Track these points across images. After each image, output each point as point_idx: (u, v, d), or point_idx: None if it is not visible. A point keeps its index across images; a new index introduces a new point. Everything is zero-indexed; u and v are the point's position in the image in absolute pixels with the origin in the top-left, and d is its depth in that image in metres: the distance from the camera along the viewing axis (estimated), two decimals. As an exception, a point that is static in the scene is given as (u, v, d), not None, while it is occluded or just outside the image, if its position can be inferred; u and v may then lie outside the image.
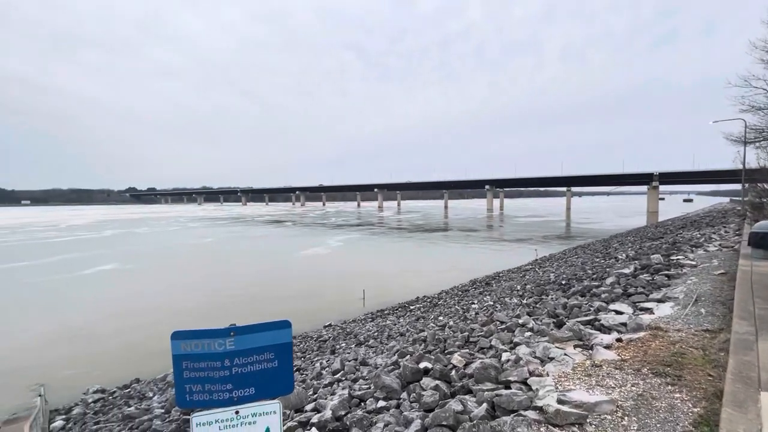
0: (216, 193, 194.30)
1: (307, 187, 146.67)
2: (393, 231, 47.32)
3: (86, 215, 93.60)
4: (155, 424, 5.37)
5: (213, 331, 1.79)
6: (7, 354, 11.20)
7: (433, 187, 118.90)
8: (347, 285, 18.79)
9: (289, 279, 20.63)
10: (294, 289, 18.49)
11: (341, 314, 14.22)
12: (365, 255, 29.20)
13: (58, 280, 21.17)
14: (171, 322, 13.53)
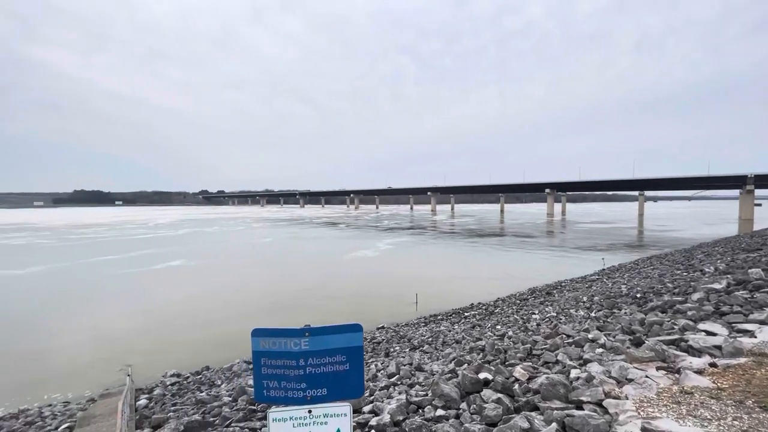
0: (277, 196, 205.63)
1: (361, 190, 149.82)
2: (445, 235, 46.58)
3: (170, 215, 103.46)
4: (224, 411, 5.75)
5: (289, 330, 1.86)
6: (95, 340, 12.69)
7: (488, 190, 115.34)
8: (397, 288, 18.81)
9: (339, 280, 21.11)
10: (344, 290, 18.86)
11: (393, 317, 14.23)
12: (414, 259, 29.04)
13: (133, 273, 23.64)
14: (224, 317, 14.51)
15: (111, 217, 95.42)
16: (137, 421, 6.45)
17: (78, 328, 13.55)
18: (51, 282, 21.12)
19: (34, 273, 23.58)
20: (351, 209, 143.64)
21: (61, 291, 19.17)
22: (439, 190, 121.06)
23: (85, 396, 8.91)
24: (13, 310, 15.83)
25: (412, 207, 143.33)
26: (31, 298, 17.81)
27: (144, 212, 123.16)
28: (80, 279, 21.88)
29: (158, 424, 5.82)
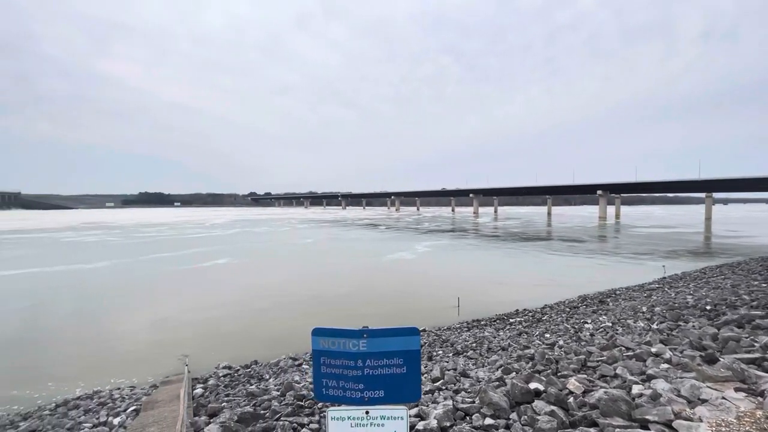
0: (320, 198, 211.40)
1: (402, 192, 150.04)
2: (486, 238, 45.30)
3: (225, 216, 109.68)
4: (273, 405, 5.98)
5: (348, 331, 1.89)
6: (152, 331, 13.69)
7: (534, 192, 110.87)
8: (436, 291, 18.58)
9: (377, 282, 21.16)
10: (382, 292, 18.89)
11: (434, 320, 14.04)
12: (453, 262, 28.48)
13: (184, 270, 25.16)
14: (267, 315, 15.06)
15: (173, 217, 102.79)
16: (194, 408, 6.87)
17: (137, 320, 14.72)
18: (114, 276, 23.13)
19: (100, 268, 25.96)
20: (392, 211, 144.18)
21: (122, 285, 20.92)
22: (481, 192, 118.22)
23: (148, 382, 9.63)
24: (82, 302, 17.51)
25: (453, 209, 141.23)
26: (97, 290, 19.60)
27: (201, 213, 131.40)
28: (138, 275, 23.75)
29: (213, 413, 6.17)
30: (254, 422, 5.17)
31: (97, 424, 7.02)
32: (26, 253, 33.84)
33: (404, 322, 13.76)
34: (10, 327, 13.90)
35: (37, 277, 22.49)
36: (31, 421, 7.62)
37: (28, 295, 18.23)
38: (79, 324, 14.34)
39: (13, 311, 15.93)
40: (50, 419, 7.62)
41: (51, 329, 13.82)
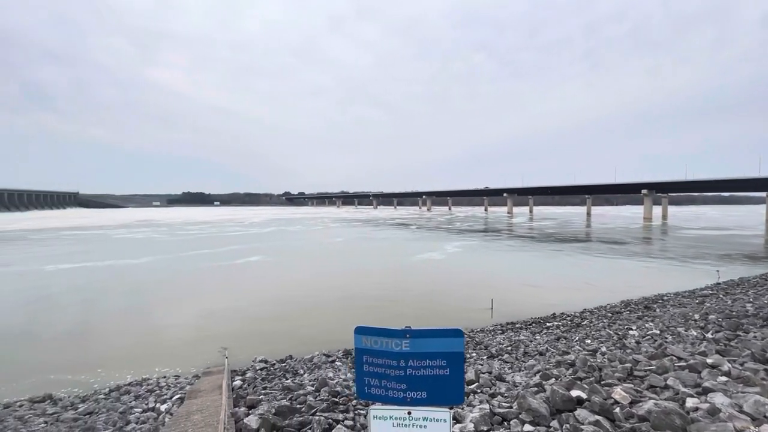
0: (351, 197, 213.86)
1: (433, 192, 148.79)
2: (520, 239, 43.91)
3: (262, 215, 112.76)
4: (309, 399, 6.11)
5: (391, 330, 1.89)
6: (190, 325, 14.37)
7: (572, 191, 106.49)
8: (465, 292, 18.26)
9: (406, 281, 21.06)
10: (411, 291, 18.76)
11: (466, 322, 13.78)
12: (484, 263, 27.79)
13: (220, 266, 26.13)
14: (297, 312, 15.36)
15: (215, 215, 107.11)
16: (234, 399, 7.15)
17: (178, 313, 15.50)
18: (156, 271, 24.50)
19: (145, 263, 27.58)
20: (423, 210, 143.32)
21: (163, 280, 22.11)
22: (516, 192, 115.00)
23: (191, 372, 10.14)
24: (128, 295, 18.66)
25: (486, 209, 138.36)
26: (141, 285, 20.83)
27: (241, 211, 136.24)
28: (178, 270, 25.02)
29: (252, 405, 6.39)
30: (291, 416, 5.30)
31: (146, 409, 7.47)
32: (82, 248, 36.61)
33: (435, 322, 13.64)
34: (66, 317, 15.09)
35: (90, 271, 24.25)
36: (88, 403, 8.24)
37: (81, 289, 19.68)
38: (126, 315, 15.32)
39: (69, 303, 17.27)
40: (105, 402, 8.20)
41: (102, 320, 14.84)
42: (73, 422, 7.12)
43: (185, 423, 5.49)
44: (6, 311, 15.79)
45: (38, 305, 16.61)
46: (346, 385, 7.06)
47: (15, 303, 17.00)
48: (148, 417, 6.90)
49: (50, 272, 24.02)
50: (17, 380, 9.73)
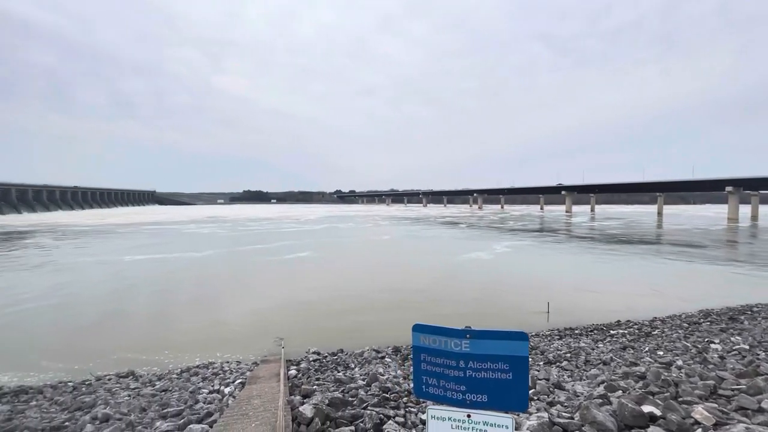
0: (401, 195, 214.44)
1: (485, 190, 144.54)
2: (578, 240, 41.02)
3: (316, 212, 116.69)
4: (360, 393, 6.23)
5: (450, 330, 1.85)
6: (246, 314, 15.23)
7: (641, 189, 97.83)
8: (514, 294, 17.54)
9: (451, 280, 20.61)
10: (454, 291, 18.32)
11: (518, 325, 13.22)
12: (534, 264, 26.32)
13: (270, 260, 27.36)
14: (343, 307, 15.64)
15: (274, 212, 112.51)
16: (290, 388, 7.49)
17: (236, 303, 16.54)
18: (216, 264, 26.32)
19: (206, 256, 29.81)
20: (474, 209, 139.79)
21: (221, 272, 23.70)
22: (575, 189, 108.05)
23: (250, 359, 10.79)
24: (191, 285, 20.27)
25: (542, 207, 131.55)
26: (202, 276, 22.52)
27: (297, 209, 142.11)
28: (234, 263, 26.68)
29: (306, 394, 6.64)
30: (343, 408, 5.43)
31: (212, 390, 8.07)
32: (156, 241, 40.50)
33: (485, 323, 13.19)
34: (139, 303, 16.78)
35: (159, 262, 26.73)
36: (163, 381, 9.10)
37: (151, 278, 21.74)
38: (189, 304, 16.71)
39: (141, 291, 19.18)
40: (177, 382, 9.00)
41: (169, 307, 16.28)
42: (151, 397, 7.90)
43: (246, 406, 5.85)
44: (92, 296, 17.94)
45: (116, 293, 18.66)
46: (396, 382, 7.09)
47: (99, 290, 19.24)
48: (214, 398, 7.45)
49: (127, 262, 26.86)
50: (104, 356, 11.03)
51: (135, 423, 6.17)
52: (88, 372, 10.08)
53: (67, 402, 7.98)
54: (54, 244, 37.32)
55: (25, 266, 25.03)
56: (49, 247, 35.02)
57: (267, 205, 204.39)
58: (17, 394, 8.77)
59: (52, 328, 13.45)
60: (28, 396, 8.61)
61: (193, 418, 5.86)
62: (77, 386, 9.14)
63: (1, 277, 21.57)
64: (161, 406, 7.15)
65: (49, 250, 32.53)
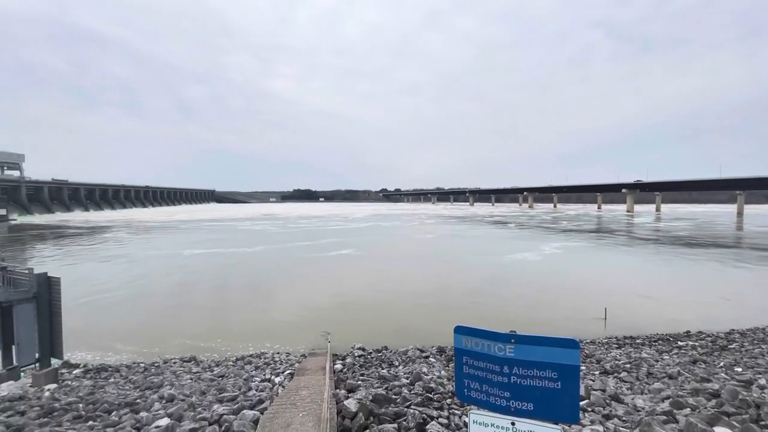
0: (447, 194, 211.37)
1: (535, 188, 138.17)
2: (639, 242, 37.65)
3: (364, 210, 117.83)
4: (404, 392, 6.25)
5: (494, 333, 1.80)
6: (296, 309, 15.78)
7: (715, 186, 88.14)
8: (562, 298, 16.63)
9: (491, 282, 20.00)
10: (494, 292, 17.74)
11: (572, 332, 12.47)
12: (586, 266, 24.66)
13: (317, 257, 28.29)
14: (387, 304, 15.66)
15: (325, 210, 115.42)
16: (336, 381, 7.70)
17: (284, 297, 17.27)
18: (265, 259, 27.74)
19: (257, 251, 31.63)
20: (525, 207, 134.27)
21: (270, 267, 24.87)
22: (637, 187, 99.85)
23: (299, 351, 11.23)
24: (242, 279, 21.47)
25: (599, 206, 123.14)
26: (253, 270, 23.78)
27: (346, 207, 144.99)
28: (281, 258, 28.03)
29: (351, 389, 6.79)
30: (387, 405, 5.48)
31: (264, 379, 8.52)
32: (214, 237, 43.49)
33: (533, 328, 12.66)
34: (197, 296, 18.06)
35: (215, 257, 28.76)
36: (221, 367, 9.77)
37: (208, 272, 23.38)
38: (242, 296, 17.73)
39: (196, 282, 20.63)
40: (233, 369, 9.62)
41: (221, 299, 17.38)
42: (210, 382, 8.50)
43: (294, 396, 6.10)
44: (156, 287, 19.63)
45: (177, 284, 20.26)
46: (441, 383, 7.02)
47: (162, 281, 21.01)
48: (265, 386, 7.86)
49: (186, 256, 29.18)
50: (167, 341, 12.08)
51: (196, 405, 6.68)
52: (156, 355, 11.10)
53: (139, 381, 8.83)
54: (128, 238, 41.43)
55: (104, 258, 28.04)
56: (124, 241, 38.96)
57: (316, 204, 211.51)
58: (99, 371, 9.87)
59: (124, 315, 14.95)
60: (108, 373, 9.66)
61: (246, 404, 6.22)
62: (148, 367, 10.09)
63: (84, 267, 24.34)
64: (218, 391, 7.67)
65: (124, 244, 36.15)
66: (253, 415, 5.09)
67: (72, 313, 12.66)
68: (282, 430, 4.70)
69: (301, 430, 4.69)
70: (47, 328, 9.01)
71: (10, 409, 6.81)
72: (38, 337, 8.92)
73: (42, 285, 8.96)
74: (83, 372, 9.80)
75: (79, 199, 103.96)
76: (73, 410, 6.74)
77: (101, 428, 5.67)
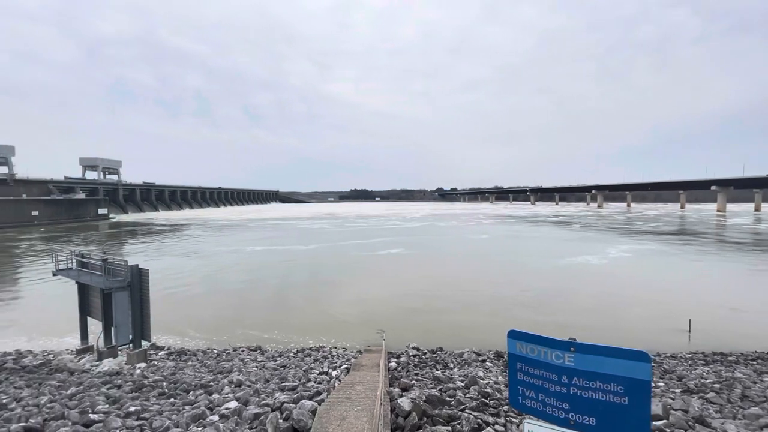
0: (506, 193, 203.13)
1: (605, 185, 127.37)
2: (728, 246, 32.31)
3: (422, 210, 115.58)
4: (458, 395, 6.13)
5: (551, 340, 1.70)
6: (351, 305, 16.09)
7: (837, 181, 74.33)
8: (630, 306, 15.18)
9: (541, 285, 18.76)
10: (557, 298, 16.52)
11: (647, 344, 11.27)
12: (664, 273, 22.05)
13: (362, 256, 28.81)
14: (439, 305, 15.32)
15: (382, 210, 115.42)
16: (390, 379, 7.79)
17: (339, 294, 17.73)
18: (318, 256, 28.87)
19: (312, 249, 33.09)
20: (593, 207, 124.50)
21: (323, 263, 25.78)
22: (731, 183, 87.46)
23: (356, 347, 11.52)
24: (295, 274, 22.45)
25: (683, 205, 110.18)
26: (306, 266, 24.80)
27: (403, 207, 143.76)
28: (332, 256, 29.04)
29: (405, 387, 6.82)
30: (440, 406, 5.42)
31: (321, 372, 8.88)
32: (274, 234, 46.27)
33: (598, 337, 11.68)
34: (258, 290, 19.26)
35: (273, 253, 30.57)
36: (283, 358, 10.36)
37: (268, 267, 24.85)
38: (297, 291, 18.63)
39: (260, 280, 21.96)
40: (293, 360, 10.15)
41: (279, 293, 18.38)
42: (273, 371, 9.07)
43: (350, 391, 6.27)
44: (223, 281, 21.27)
45: (240, 279, 21.79)
46: (497, 388, 6.78)
47: (229, 275, 22.72)
48: (323, 379, 8.18)
49: (248, 252, 31.47)
50: (232, 331, 13.09)
51: (260, 391, 7.16)
52: (225, 342, 12.10)
53: (212, 365, 9.69)
54: (202, 235, 45.58)
55: (180, 253, 31.14)
56: (198, 237, 42.92)
57: (372, 203, 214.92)
58: (179, 354, 11.00)
59: (195, 304, 16.48)
60: (186, 357, 10.72)
61: (305, 394, 6.53)
62: (220, 353, 11.03)
63: (162, 261, 27.16)
64: (280, 380, 8.15)
65: (197, 241, 39.74)
66: (311, 405, 5.33)
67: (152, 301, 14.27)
68: (337, 422, 4.87)
69: (356, 424, 4.81)
70: (138, 313, 10.21)
71: (109, 383, 7.85)
72: (131, 321, 10.15)
73: (135, 275, 10.18)
74: (167, 354, 10.99)
75: (163, 200, 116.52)
76: (158, 387, 7.58)
77: (181, 405, 6.31)
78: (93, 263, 10.86)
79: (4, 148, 67.37)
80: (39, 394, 6.76)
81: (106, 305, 10.24)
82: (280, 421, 5.01)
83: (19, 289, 19.77)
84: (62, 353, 10.89)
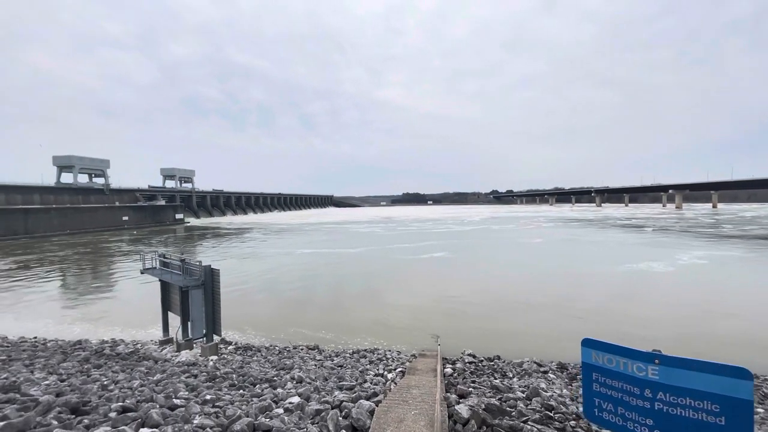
0: (567, 194, 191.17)
1: (684, 185, 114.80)
2: None
3: (481, 213, 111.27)
4: (519, 405, 5.88)
5: (632, 350, 1.58)
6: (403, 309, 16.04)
7: None
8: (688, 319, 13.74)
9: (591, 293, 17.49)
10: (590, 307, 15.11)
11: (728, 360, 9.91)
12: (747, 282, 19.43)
13: (403, 259, 28.59)
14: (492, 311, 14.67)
15: (439, 213, 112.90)
16: (446, 385, 7.68)
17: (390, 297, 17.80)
18: (363, 259, 29.28)
19: (357, 252, 33.65)
20: (671, 208, 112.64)
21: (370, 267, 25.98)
22: None
23: (411, 351, 11.53)
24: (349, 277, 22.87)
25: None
26: (354, 269, 25.17)
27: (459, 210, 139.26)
28: (378, 259, 29.27)
29: (462, 395, 6.68)
30: (500, 416, 5.24)
31: (377, 374, 9.00)
32: (326, 238, 47.90)
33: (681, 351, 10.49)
34: (311, 291, 19.94)
35: (320, 256, 31.70)
36: (340, 358, 10.66)
37: (319, 269, 25.67)
38: (347, 293, 19.03)
39: (314, 282, 22.74)
40: (350, 360, 10.40)
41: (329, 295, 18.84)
42: (331, 370, 9.36)
43: (406, 394, 6.30)
44: (277, 282, 22.33)
45: (293, 281, 22.75)
46: (562, 402, 6.40)
47: (283, 277, 23.83)
48: (379, 381, 8.29)
49: (298, 254, 32.96)
50: (288, 330, 13.73)
51: (320, 389, 7.43)
52: (286, 341, 12.74)
53: (275, 361, 10.25)
54: (261, 238, 48.47)
55: (239, 256, 33.43)
56: (256, 240, 45.76)
57: (425, 206, 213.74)
58: (246, 349, 11.79)
59: (254, 304, 17.52)
60: (252, 352, 11.45)
61: (362, 394, 6.67)
62: (281, 350, 11.64)
63: (224, 263, 29.23)
64: (338, 379, 8.40)
65: (255, 245, 42.24)
66: (369, 405, 5.43)
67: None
68: (395, 424, 4.91)
69: (414, 427, 4.82)
70: (211, 309, 11.14)
71: (187, 372, 8.63)
72: (205, 317, 11.10)
73: (208, 274, 11.13)
74: (235, 349, 11.83)
75: (230, 205, 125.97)
76: (229, 379, 8.19)
77: (249, 397, 6.76)
78: (173, 263, 12.06)
79: (102, 162, 77.44)
80: (131, 379, 7.64)
81: (184, 301, 11.30)
82: (340, 418, 5.17)
83: (110, 285, 22.53)
84: (147, 343, 12.20)
